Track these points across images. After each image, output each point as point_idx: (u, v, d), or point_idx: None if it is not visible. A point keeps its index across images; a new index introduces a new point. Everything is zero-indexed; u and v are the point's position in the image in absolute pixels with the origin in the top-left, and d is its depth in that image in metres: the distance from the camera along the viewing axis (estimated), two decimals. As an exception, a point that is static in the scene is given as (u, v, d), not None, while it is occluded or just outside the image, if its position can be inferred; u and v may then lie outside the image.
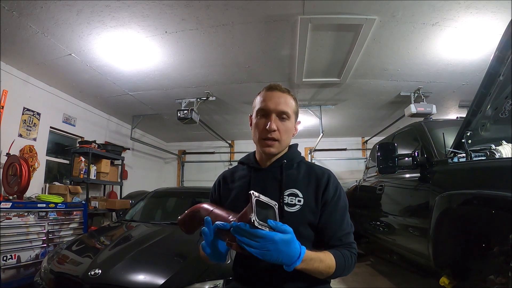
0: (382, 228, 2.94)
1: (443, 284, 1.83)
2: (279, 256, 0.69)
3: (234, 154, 7.67)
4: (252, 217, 0.67)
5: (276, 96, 0.96)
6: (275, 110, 0.94)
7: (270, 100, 0.95)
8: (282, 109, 0.95)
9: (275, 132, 0.94)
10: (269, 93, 0.97)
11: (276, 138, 0.94)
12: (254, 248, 0.67)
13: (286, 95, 0.98)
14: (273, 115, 0.94)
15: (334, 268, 0.82)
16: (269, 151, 0.96)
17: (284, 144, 0.99)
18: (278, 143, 0.95)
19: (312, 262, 0.78)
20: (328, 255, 0.83)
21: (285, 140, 0.98)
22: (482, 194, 1.48)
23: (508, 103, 1.68)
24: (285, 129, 0.96)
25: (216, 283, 1.62)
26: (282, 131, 0.95)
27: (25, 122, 3.65)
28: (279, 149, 0.97)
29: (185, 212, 0.95)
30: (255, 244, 0.67)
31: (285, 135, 0.97)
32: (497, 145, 1.81)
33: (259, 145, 0.98)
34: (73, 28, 2.68)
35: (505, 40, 1.40)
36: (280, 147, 0.97)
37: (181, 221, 0.95)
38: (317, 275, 0.82)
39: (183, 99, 4.47)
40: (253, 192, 0.70)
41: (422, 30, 2.77)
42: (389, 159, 2.32)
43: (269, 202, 0.73)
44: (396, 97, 4.43)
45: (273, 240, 0.68)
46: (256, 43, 3.03)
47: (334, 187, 0.96)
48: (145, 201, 3.39)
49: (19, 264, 2.76)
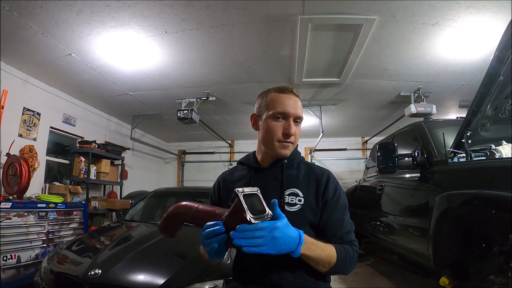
0: (382, 228, 2.94)
1: (443, 284, 1.83)
2: (286, 240, 0.72)
3: (234, 154, 7.67)
4: (247, 215, 0.68)
5: (293, 100, 0.98)
6: (294, 115, 0.96)
7: (288, 104, 0.96)
8: (299, 114, 0.98)
9: (293, 136, 0.97)
10: (285, 96, 0.98)
11: (293, 142, 0.98)
12: (262, 245, 0.69)
13: (298, 99, 1.00)
14: (291, 119, 0.96)
15: (335, 259, 0.83)
16: (285, 153, 0.98)
17: (296, 146, 1.03)
18: (292, 145, 0.99)
19: (314, 247, 0.80)
20: (329, 246, 0.85)
21: (296, 142, 1.01)
22: (482, 194, 1.48)
23: (508, 103, 1.68)
24: (299, 133, 1.00)
25: (216, 283, 1.61)
26: (297, 135, 0.99)
27: (25, 122, 3.65)
28: (291, 151, 1.00)
29: (164, 216, 0.90)
30: (262, 241, 0.69)
31: (297, 138, 1.01)
32: (497, 145, 1.82)
33: (273, 147, 0.97)
34: (73, 28, 2.68)
35: (505, 40, 1.40)
36: (293, 149, 1.01)
37: (163, 227, 0.91)
38: (319, 266, 0.83)
39: (183, 99, 4.47)
40: (237, 189, 0.70)
41: (422, 30, 2.77)
42: (389, 159, 2.32)
43: (252, 190, 0.74)
44: (396, 97, 4.43)
45: (276, 227, 0.70)
46: (256, 43, 3.03)
47: (334, 186, 0.97)
48: (145, 201, 3.39)
49: (19, 264, 2.76)
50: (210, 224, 0.75)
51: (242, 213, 0.68)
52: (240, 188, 0.71)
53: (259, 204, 0.73)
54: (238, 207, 0.70)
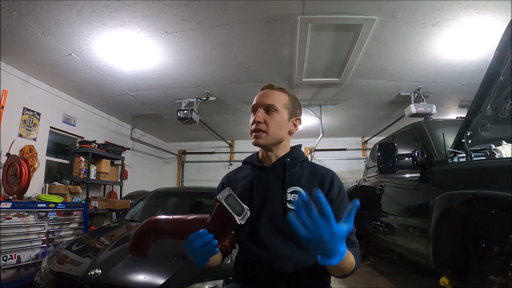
0: (382, 228, 2.94)
1: (443, 284, 1.83)
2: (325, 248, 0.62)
3: (234, 154, 7.67)
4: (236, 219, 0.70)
5: (265, 93, 1.02)
6: (261, 104, 1.00)
7: (259, 97, 1.02)
8: (268, 102, 0.99)
9: (262, 124, 0.97)
10: (260, 93, 1.03)
11: (263, 130, 0.97)
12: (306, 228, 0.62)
13: (275, 91, 1.02)
14: (260, 109, 0.99)
15: (354, 265, 0.82)
16: (257, 142, 0.98)
17: (275, 136, 0.98)
18: (265, 134, 0.97)
19: (346, 259, 0.72)
20: (349, 253, 0.78)
21: (274, 132, 0.98)
22: (482, 194, 1.48)
23: (508, 103, 1.68)
24: (273, 121, 0.98)
25: (216, 283, 1.62)
26: (269, 122, 0.97)
27: (25, 122, 3.65)
28: (268, 141, 0.98)
29: (134, 235, 0.81)
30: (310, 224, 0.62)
31: (274, 127, 0.97)
32: (497, 145, 1.81)
33: (251, 140, 1.00)
34: (73, 28, 2.68)
35: (505, 40, 1.40)
36: (269, 139, 0.98)
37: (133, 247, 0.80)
38: (337, 274, 0.82)
39: (183, 99, 4.46)
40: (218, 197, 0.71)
41: (422, 30, 2.77)
42: (389, 159, 2.32)
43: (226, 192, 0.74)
44: (396, 97, 4.43)
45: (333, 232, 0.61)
46: (256, 43, 3.03)
47: (338, 187, 0.97)
48: (145, 201, 3.39)
49: (19, 264, 2.76)
50: (195, 235, 0.71)
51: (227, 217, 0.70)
52: (219, 195, 0.72)
53: (236, 203, 0.74)
54: (222, 212, 0.71)
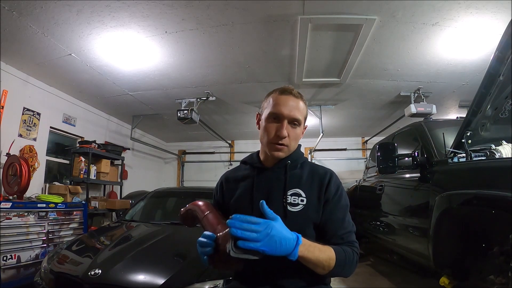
0: (382, 228, 2.94)
1: (443, 284, 1.83)
2: (281, 240, 0.72)
3: (234, 154, 7.67)
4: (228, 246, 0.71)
5: (290, 101, 0.95)
6: (288, 116, 0.94)
7: (284, 106, 0.94)
8: (295, 116, 0.95)
9: (286, 138, 0.94)
10: (283, 97, 0.96)
11: (286, 144, 0.95)
12: (257, 240, 0.69)
13: (299, 101, 0.97)
14: (285, 122, 0.94)
15: (334, 261, 0.82)
16: (277, 155, 0.97)
17: (292, 149, 0.99)
18: (287, 148, 0.96)
19: (312, 249, 0.79)
20: (328, 248, 0.83)
21: (293, 146, 0.99)
22: (482, 194, 1.48)
23: (508, 103, 1.68)
24: (295, 136, 0.97)
25: (216, 283, 1.61)
26: (292, 137, 0.96)
27: (25, 122, 3.65)
28: (287, 154, 0.99)
29: (186, 207, 1.04)
30: (257, 236, 0.70)
31: (294, 141, 0.98)
32: (497, 145, 1.81)
33: (267, 148, 0.98)
34: (73, 28, 2.68)
35: (505, 40, 1.40)
36: (288, 152, 0.99)
37: (182, 217, 1.05)
38: (318, 269, 0.82)
39: (183, 99, 4.46)
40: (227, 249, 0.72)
41: (422, 30, 2.77)
42: (389, 159, 2.32)
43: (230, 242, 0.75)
44: (396, 97, 4.43)
45: (271, 225, 0.73)
46: (256, 43, 3.02)
47: (336, 186, 0.96)
48: (145, 201, 3.39)
49: (19, 264, 2.76)
50: (203, 241, 0.80)
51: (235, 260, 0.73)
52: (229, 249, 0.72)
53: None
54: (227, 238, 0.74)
